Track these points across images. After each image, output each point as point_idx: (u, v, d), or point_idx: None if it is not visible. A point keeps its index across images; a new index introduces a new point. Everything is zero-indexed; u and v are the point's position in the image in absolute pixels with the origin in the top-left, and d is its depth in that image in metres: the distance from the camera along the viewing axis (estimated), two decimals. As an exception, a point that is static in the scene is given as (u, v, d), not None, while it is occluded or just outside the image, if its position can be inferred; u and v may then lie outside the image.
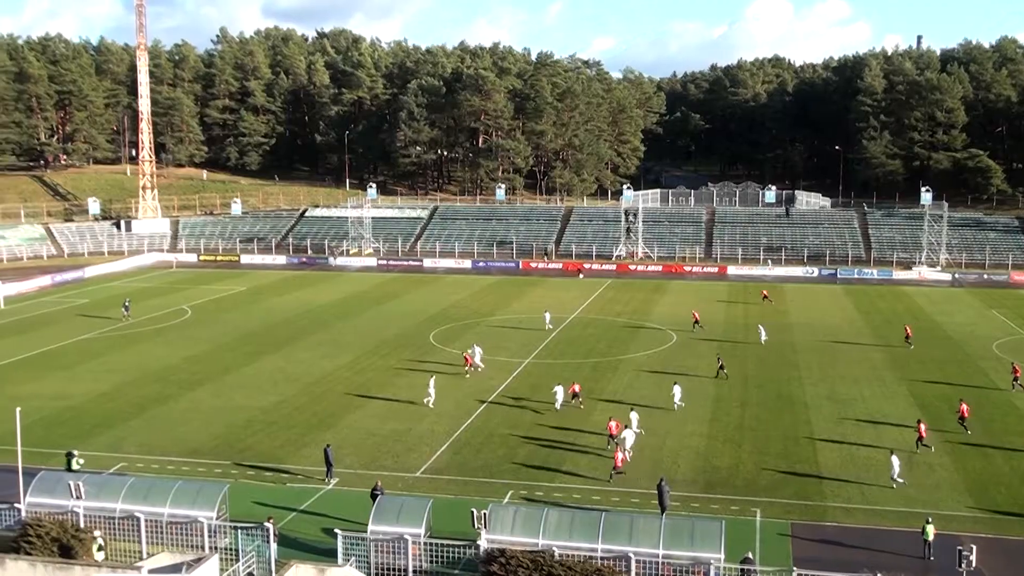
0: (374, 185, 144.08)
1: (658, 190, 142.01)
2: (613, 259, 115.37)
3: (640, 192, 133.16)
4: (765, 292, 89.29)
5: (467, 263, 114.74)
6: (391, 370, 59.69)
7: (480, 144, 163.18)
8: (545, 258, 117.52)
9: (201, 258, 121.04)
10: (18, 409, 35.81)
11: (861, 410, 50.26)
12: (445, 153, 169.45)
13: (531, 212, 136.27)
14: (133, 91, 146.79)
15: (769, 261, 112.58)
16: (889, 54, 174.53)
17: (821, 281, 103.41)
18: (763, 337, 68.04)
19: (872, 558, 32.78)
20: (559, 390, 51.34)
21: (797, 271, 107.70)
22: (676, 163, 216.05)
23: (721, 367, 58.44)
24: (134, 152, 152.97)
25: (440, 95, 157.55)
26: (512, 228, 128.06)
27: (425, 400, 51.57)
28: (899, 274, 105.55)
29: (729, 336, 70.78)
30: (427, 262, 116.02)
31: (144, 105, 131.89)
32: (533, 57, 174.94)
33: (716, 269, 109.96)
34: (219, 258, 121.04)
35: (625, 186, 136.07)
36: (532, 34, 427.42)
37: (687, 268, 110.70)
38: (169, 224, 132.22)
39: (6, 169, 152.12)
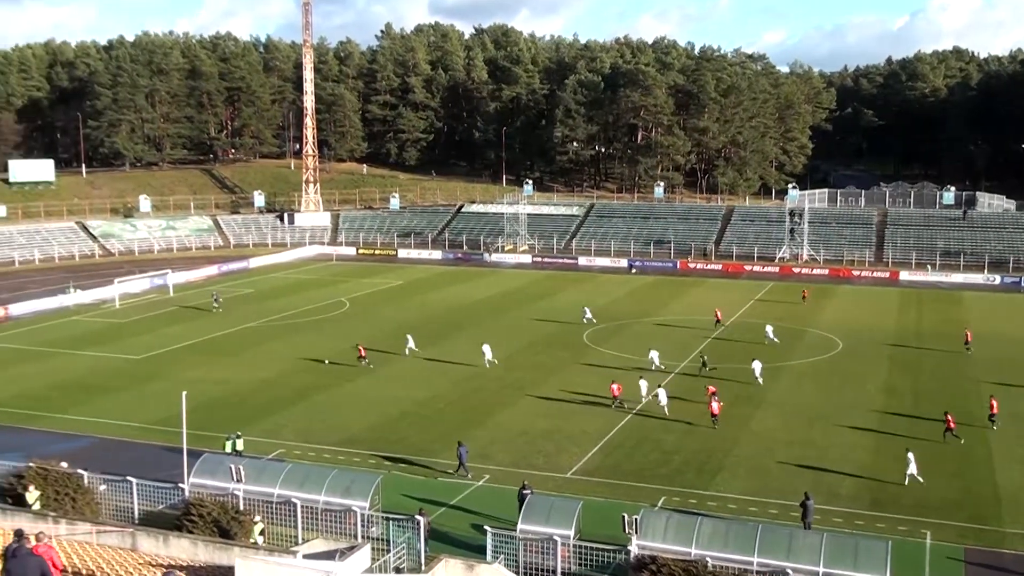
0: (530, 181, 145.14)
1: (826, 190, 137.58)
2: (776, 261, 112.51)
3: (807, 192, 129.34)
4: (805, 292, 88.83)
5: (623, 262, 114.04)
6: (544, 368, 59.94)
7: (639, 141, 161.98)
8: (704, 258, 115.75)
9: (360, 251, 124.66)
10: (184, 393, 37.69)
11: (1047, 429, 47.27)
12: (603, 150, 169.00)
13: (690, 211, 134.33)
14: (299, 87, 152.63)
15: (929, 267, 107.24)
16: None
17: (1003, 290, 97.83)
18: (769, 337, 67.36)
19: (1057, 590, 30.81)
20: (643, 384, 52.34)
21: (976, 278, 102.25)
22: (846, 162, 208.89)
23: (703, 364, 58.89)
24: (298, 147, 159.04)
25: (599, 91, 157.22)
26: (670, 227, 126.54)
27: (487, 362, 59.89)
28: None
29: (901, 342, 67.90)
30: (582, 260, 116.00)
31: (308, 101, 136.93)
32: (696, 51, 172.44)
33: (887, 274, 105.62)
34: (377, 252, 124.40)
35: (791, 185, 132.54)
36: (699, 30, 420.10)
37: (855, 272, 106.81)
38: (330, 218, 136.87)
39: (178, 162, 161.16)
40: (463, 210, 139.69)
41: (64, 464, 35.26)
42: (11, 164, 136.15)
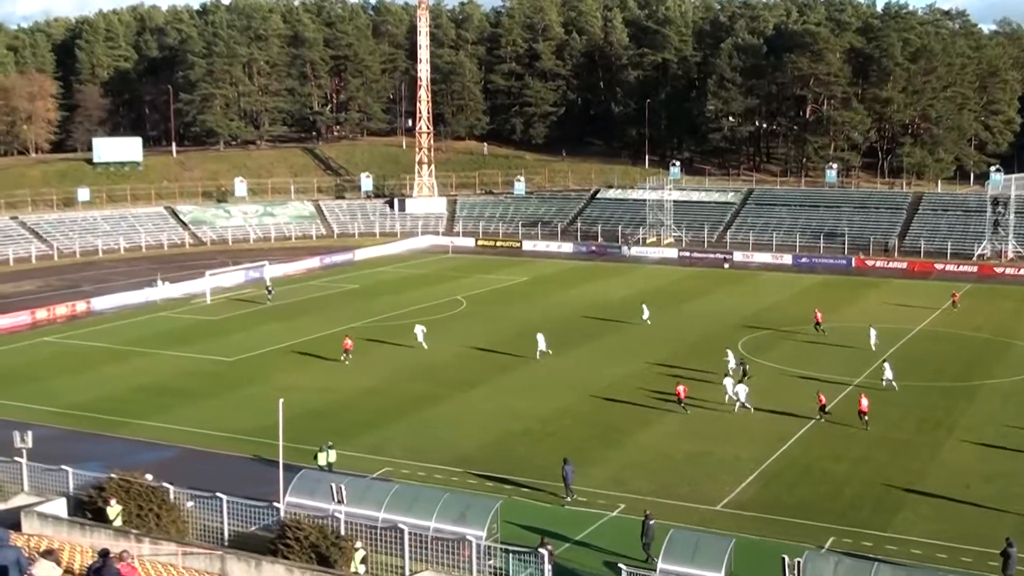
0: (678, 163, 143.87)
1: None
2: (974, 259, 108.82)
3: (1013, 176, 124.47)
4: (955, 295, 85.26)
5: (787, 258, 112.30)
6: (691, 382, 59.31)
7: (807, 115, 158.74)
8: (885, 255, 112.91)
9: (479, 243, 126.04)
10: (281, 401, 38.63)
11: None
12: (764, 126, 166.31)
13: (869, 198, 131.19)
14: (412, 55, 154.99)
15: None
16: None
17: None
18: (873, 341, 67.36)
19: None
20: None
21: None
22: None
23: (744, 372, 58.94)
24: (410, 123, 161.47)
25: (760, 56, 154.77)
26: (844, 217, 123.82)
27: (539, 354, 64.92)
28: None
29: None
30: (738, 255, 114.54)
31: (423, 70, 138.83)
32: (879, 8, 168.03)
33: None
34: (499, 243, 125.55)
35: (993, 168, 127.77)
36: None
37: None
38: (446, 204, 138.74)
39: (277, 140, 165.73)
40: (598, 196, 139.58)
41: (148, 476, 36.59)
42: (96, 143, 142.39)
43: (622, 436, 49.80)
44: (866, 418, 49.92)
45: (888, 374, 57.30)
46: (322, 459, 43.67)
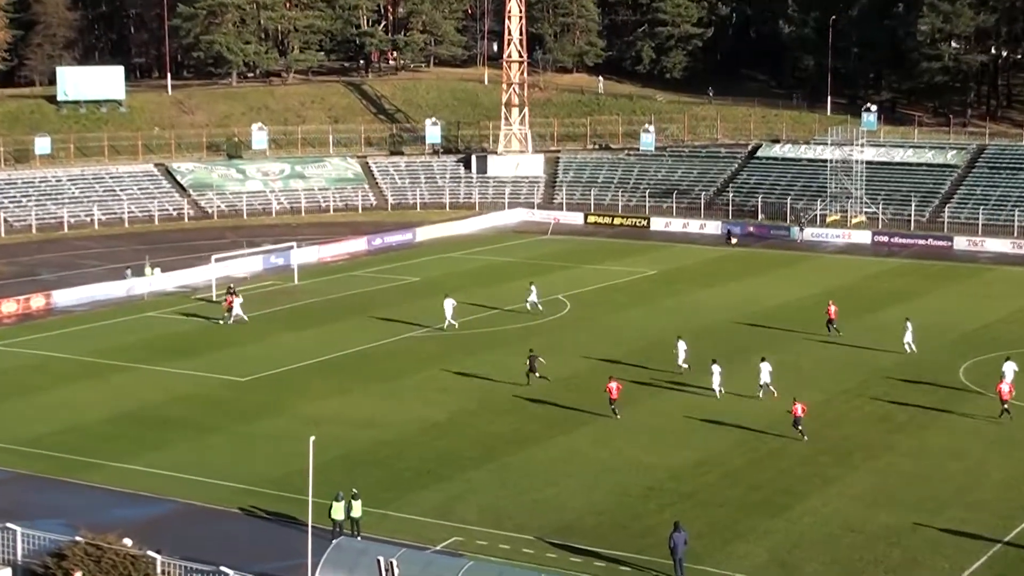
0: (874, 108, 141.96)
1: None
2: None
3: None
4: None
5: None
6: (890, 421, 58.63)
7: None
8: None
9: (589, 219, 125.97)
10: (311, 439, 38.87)
11: None
12: (1003, 54, 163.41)
13: None
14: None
15: None
16: None
17: None
18: (908, 344, 71.47)
19: None
20: None
21: None
22: None
23: (531, 368, 63.99)
24: (495, 48, 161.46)
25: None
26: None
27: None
28: None
29: None
30: (959, 241, 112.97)
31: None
32: None
33: None
34: (617, 221, 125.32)
35: None
36: None
37: None
38: (543, 164, 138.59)
39: (311, 72, 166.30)
40: (759, 154, 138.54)
41: (127, 541, 37.14)
42: (60, 73, 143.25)
43: (790, 499, 49.18)
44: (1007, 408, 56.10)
45: (1009, 375, 60.18)
46: (337, 512, 43.53)
